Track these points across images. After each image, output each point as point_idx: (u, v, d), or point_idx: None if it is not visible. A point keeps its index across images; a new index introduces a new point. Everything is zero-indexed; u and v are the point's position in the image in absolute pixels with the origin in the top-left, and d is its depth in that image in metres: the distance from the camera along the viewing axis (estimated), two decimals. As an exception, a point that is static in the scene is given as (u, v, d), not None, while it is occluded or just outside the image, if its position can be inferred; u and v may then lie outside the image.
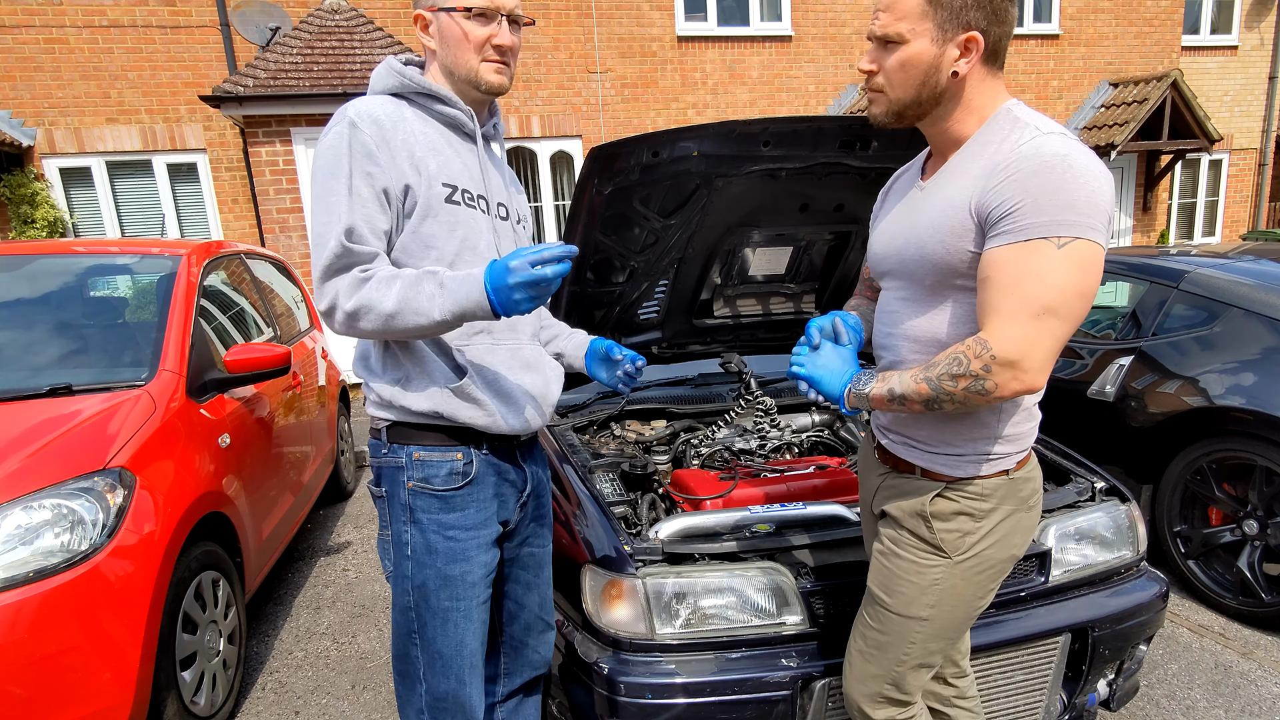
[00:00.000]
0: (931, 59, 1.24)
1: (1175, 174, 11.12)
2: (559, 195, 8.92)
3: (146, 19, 7.43)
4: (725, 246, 2.61)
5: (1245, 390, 2.92)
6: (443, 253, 1.41)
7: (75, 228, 7.59)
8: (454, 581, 1.48)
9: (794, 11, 9.19)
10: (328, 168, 1.34)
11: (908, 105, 1.29)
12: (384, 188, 1.35)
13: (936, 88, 1.26)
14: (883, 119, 1.34)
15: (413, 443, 1.46)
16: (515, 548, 1.68)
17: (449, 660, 1.50)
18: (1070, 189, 1.15)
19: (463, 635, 1.50)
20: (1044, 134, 1.20)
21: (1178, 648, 2.80)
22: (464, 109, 1.47)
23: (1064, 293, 1.16)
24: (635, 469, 2.32)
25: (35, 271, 3.03)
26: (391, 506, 1.49)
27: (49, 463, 2.06)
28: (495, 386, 1.48)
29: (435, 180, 1.40)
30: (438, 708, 1.53)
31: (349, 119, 1.34)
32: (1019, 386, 1.19)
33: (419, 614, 1.49)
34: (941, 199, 1.30)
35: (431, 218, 1.40)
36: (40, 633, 1.85)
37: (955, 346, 1.24)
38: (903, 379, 1.28)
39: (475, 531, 1.50)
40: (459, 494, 1.47)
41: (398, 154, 1.36)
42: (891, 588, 1.43)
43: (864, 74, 1.32)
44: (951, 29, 1.23)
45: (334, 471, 4.56)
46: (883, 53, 1.28)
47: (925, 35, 1.23)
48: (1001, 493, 1.38)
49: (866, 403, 1.34)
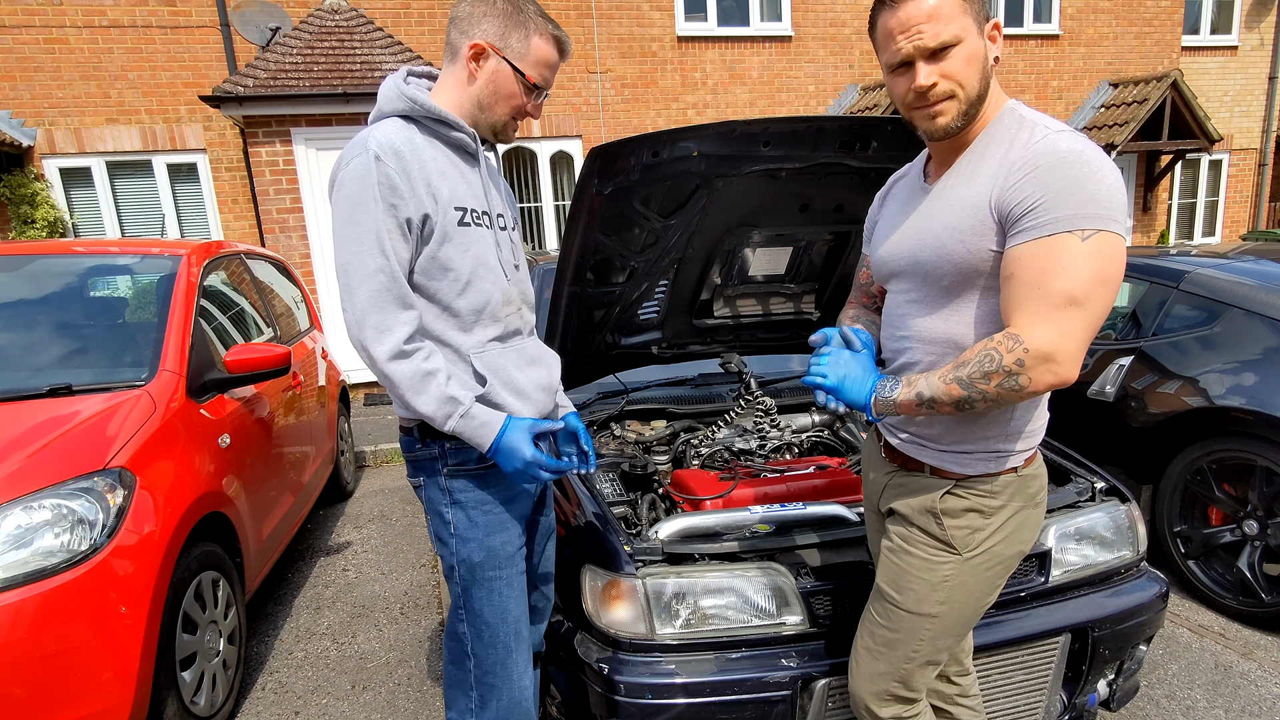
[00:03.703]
0: (984, 50, 1.27)
1: (1175, 174, 11.12)
2: (559, 195, 8.92)
3: (146, 19, 7.42)
4: (725, 246, 2.61)
5: (1245, 390, 2.92)
6: (459, 273, 1.50)
7: (75, 228, 7.59)
8: (495, 552, 1.58)
9: (794, 11, 9.19)
10: (354, 198, 1.41)
11: (975, 101, 1.28)
12: (406, 218, 1.43)
13: (987, 78, 1.28)
14: (955, 124, 1.28)
15: (443, 436, 1.54)
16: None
17: (495, 629, 1.59)
18: (1090, 183, 1.16)
19: (506, 603, 1.60)
20: (1055, 132, 1.22)
21: (1178, 648, 2.80)
22: (469, 132, 1.54)
23: (1091, 284, 1.16)
24: (635, 469, 2.32)
25: (35, 271, 3.03)
26: (431, 492, 1.59)
27: (49, 463, 2.06)
28: (511, 386, 1.58)
29: (449, 206, 1.48)
30: (485, 682, 1.61)
31: (372, 151, 1.40)
32: (1053, 379, 1.19)
33: (466, 588, 1.59)
34: (958, 199, 1.30)
35: (448, 242, 1.48)
36: (40, 633, 1.85)
37: (984, 343, 1.23)
38: (931, 382, 1.28)
39: (509, 505, 1.60)
40: (491, 471, 1.57)
41: (417, 185, 1.44)
42: (901, 585, 1.44)
43: (919, 92, 1.27)
44: (980, 20, 1.26)
45: (334, 471, 4.56)
46: (936, 62, 1.24)
47: (973, 29, 1.25)
48: (1011, 489, 1.39)
49: (894, 409, 1.33)
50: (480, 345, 1.55)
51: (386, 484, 5.13)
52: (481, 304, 1.53)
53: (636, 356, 2.90)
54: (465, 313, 1.51)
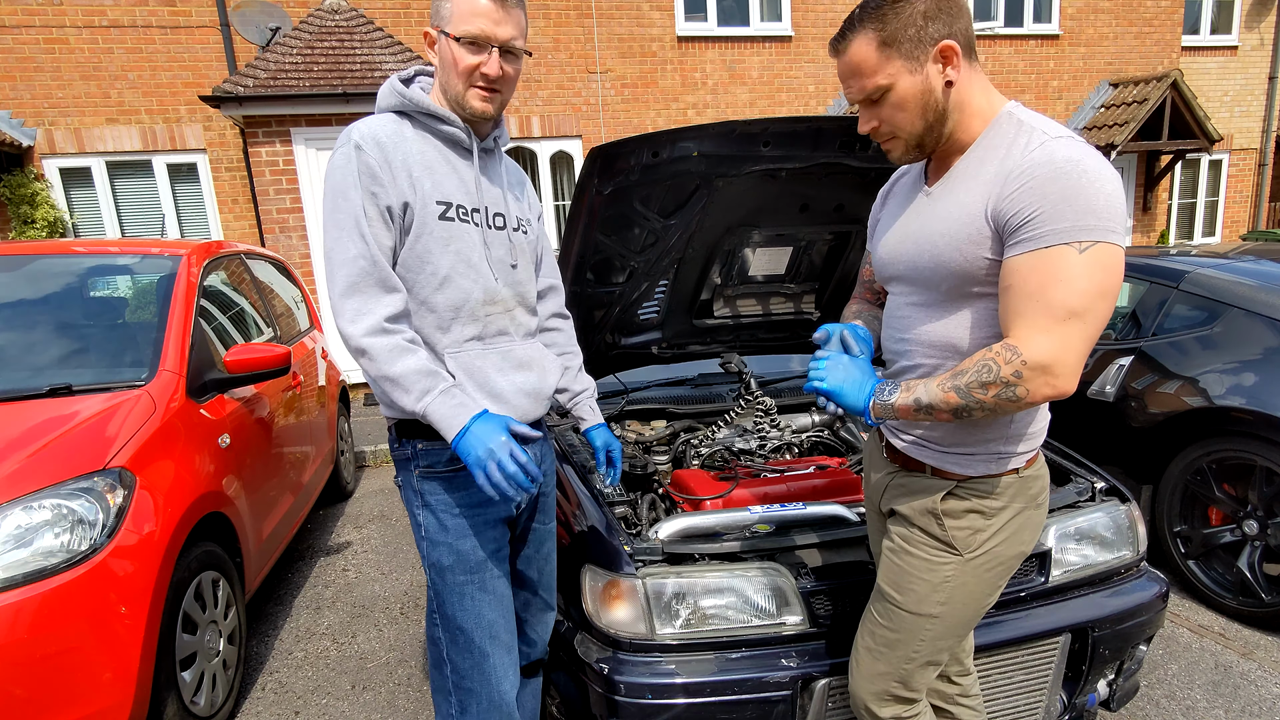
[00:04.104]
0: (920, 88, 1.26)
1: (1175, 174, 11.12)
2: (559, 195, 8.92)
3: (146, 19, 7.42)
4: (725, 246, 2.61)
5: (1245, 390, 2.92)
6: (437, 268, 1.49)
7: (75, 228, 7.59)
8: (465, 556, 1.56)
9: (794, 11, 9.18)
10: (336, 187, 1.43)
11: (922, 136, 1.31)
12: (387, 205, 1.43)
13: (938, 107, 1.28)
14: (906, 158, 1.37)
15: (417, 436, 1.55)
16: (519, 522, 1.73)
17: (469, 634, 1.58)
18: (1088, 194, 1.15)
19: (480, 608, 1.58)
20: (1053, 138, 1.20)
21: (1178, 648, 2.80)
22: (461, 126, 1.53)
23: (1089, 296, 1.16)
24: (635, 469, 2.32)
25: (35, 271, 3.03)
26: (407, 494, 1.59)
27: (49, 463, 2.06)
28: (486, 388, 1.55)
29: (430, 199, 1.48)
30: (462, 686, 1.59)
31: (354, 141, 1.42)
32: (1050, 391, 1.19)
33: (438, 592, 1.58)
34: (955, 205, 1.30)
35: (427, 234, 1.48)
36: (40, 633, 1.85)
37: (983, 353, 1.23)
38: (929, 389, 1.28)
39: (480, 509, 1.57)
40: (460, 475, 1.54)
41: (398, 173, 1.44)
42: (902, 585, 1.44)
43: (869, 133, 1.35)
44: (920, 52, 1.24)
45: (334, 471, 4.56)
46: (873, 108, 1.31)
47: (900, 72, 1.26)
48: (1012, 491, 1.39)
49: (892, 413, 1.33)
50: (457, 344, 1.53)
51: (386, 484, 5.13)
52: (459, 301, 1.51)
53: (636, 356, 2.90)
54: (442, 309, 1.50)
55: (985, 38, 9.69)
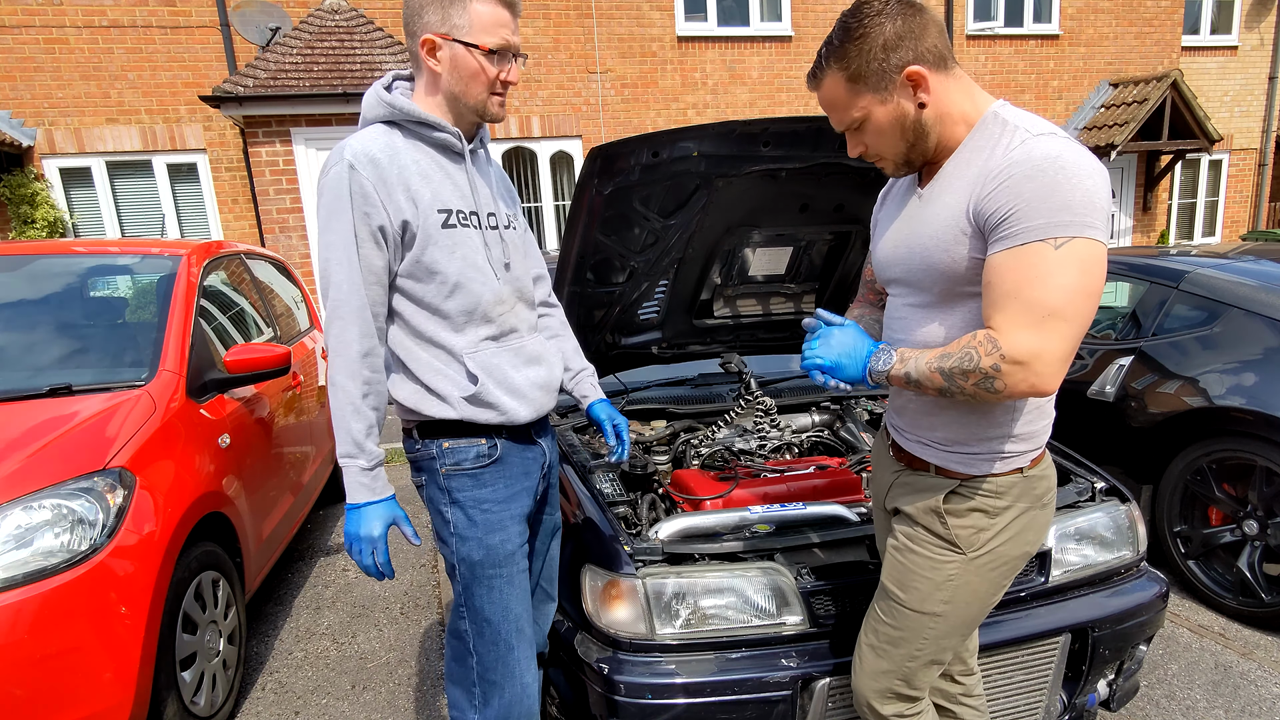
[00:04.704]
0: (893, 115, 1.29)
1: (1175, 174, 11.12)
2: (559, 195, 8.92)
3: (146, 19, 7.43)
4: (725, 246, 2.61)
5: (1245, 390, 2.92)
6: (446, 276, 1.50)
7: (75, 228, 7.59)
8: (494, 550, 1.59)
9: (794, 11, 9.19)
10: (329, 207, 1.45)
11: (906, 154, 1.34)
12: (380, 225, 1.45)
13: (917, 126, 1.30)
14: (900, 173, 1.41)
15: (441, 435, 1.58)
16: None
17: (496, 626, 1.60)
18: (1064, 190, 1.15)
19: (507, 601, 1.61)
20: (1034, 136, 1.21)
21: (1178, 648, 2.80)
22: (453, 131, 1.54)
23: (1067, 292, 1.16)
24: (635, 469, 2.32)
25: (35, 271, 3.03)
26: (432, 491, 1.61)
27: (49, 463, 2.06)
28: (506, 385, 1.58)
29: (431, 209, 1.49)
30: (487, 679, 1.61)
31: (347, 160, 1.43)
32: (1028, 388, 1.20)
33: (466, 586, 1.60)
34: (941, 207, 1.31)
35: (432, 245, 1.49)
36: (40, 633, 1.85)
37: (968, 338, 1.24)
38: (919, 364, 1.30)
39: (507, 504, 1.61)
40: (487, 471, 1.59)
41: (394, 191, 1.45)
42: (906, 583, 1.44)
43: (858, 156, 1.41)
44: (887, 82, 1.27)
45: (334, 471, 4.56)
46: (856, 135, 1.36)
47: (872, 103, 1.29)
48: (1016, 490, 1.39)
49: (885, 380, 1.36)
50: (473, 345, 1.55)
51: (386, 484, 5.12)
52: (471, 306, 1.53)
53: (636, 356, 2.90)
54: (455, 314, 1.52)
55: (985, 38, 9.70)
